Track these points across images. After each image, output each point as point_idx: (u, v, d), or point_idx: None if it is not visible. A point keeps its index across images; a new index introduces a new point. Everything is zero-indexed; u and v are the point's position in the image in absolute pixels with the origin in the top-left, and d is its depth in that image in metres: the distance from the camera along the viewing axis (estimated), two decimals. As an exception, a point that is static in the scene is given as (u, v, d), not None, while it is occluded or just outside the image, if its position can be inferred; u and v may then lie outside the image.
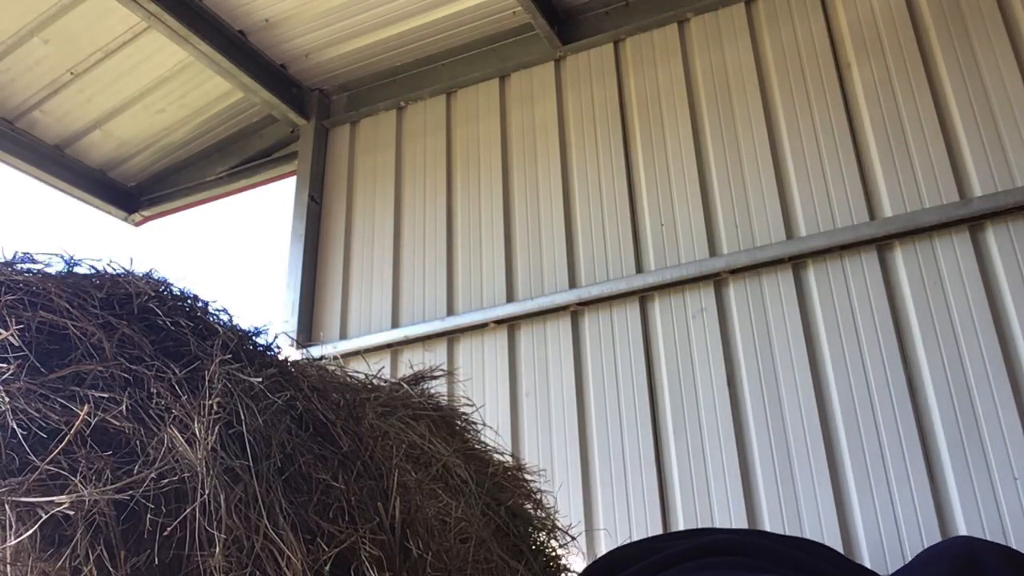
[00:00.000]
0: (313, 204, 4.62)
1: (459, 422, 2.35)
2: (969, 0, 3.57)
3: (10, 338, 1.19)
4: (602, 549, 3.30)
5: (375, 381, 2.27)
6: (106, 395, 1.22)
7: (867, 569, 1.26)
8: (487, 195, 4.25)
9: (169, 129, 4.91)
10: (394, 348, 4.14)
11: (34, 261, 1.36)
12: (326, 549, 1.26)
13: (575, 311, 3.84)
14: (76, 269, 1.40)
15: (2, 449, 1.12)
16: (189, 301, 1.46)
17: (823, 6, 3.87)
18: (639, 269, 3.78)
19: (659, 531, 3.31)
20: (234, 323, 1.50)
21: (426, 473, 1.81)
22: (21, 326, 1.21)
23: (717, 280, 3.62)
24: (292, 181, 4.77)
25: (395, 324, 4.19)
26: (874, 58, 3.67)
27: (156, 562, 1.16)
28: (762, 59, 3.91)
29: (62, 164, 4.89)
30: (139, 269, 1.45)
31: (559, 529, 2.34)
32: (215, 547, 1.16)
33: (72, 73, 4.41)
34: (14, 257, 1.35)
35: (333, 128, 4.83)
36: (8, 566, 1.07)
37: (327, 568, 1.25)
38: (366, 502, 1.38)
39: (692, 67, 4.04)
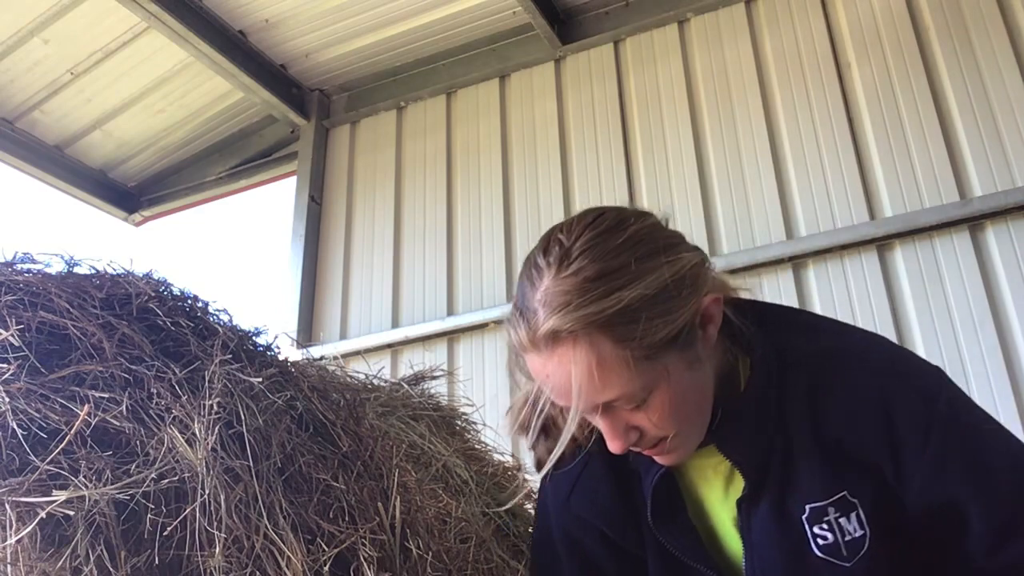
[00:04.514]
0: (313, 204, 4.62)
1: (459, 422, 2.35)
2: (969, 0, 3.57)
3: (10, 338, 1.19)
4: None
5: (375, 381, 2.27)
6: (106, 395, 1.22)
7: None
8: (487, 195, 4.25)
9: (169, 129, 4.91)
10: (394, 348, 4.14)
11: (34, 261, 1.36)
12: (326, 549, 1.26)
13: (575, 311, 3.83)
14: (76, 269, 1.40)
15: (2, 449, 1.12)
16: (189, 301, 1.46)
17: (823, 6, 3.87)
18: (639, 269, 3.77)
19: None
20: (234, 323, 1.50)
21: (426, 473, 1.81)
22: (21, 326, 1.21)
23: (717, 280, 3.61)
24: (292, 181, 4.76)
25: (395, 324, 4.19)
26: (874, 58, 3.67)
27: (156, 562, 1.16)
28: (762, 59, 3.90)
29: (62, 164, 4.89)
30: (139, 269, 1.45)
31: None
32: (215, 547, 1.16)
33: (72, 73, 4.41)
34: (14, 257, 1.35)
35: (333, 128, 4.83)
36: (8, 566, 1.07)
37: (327, 568, 1.25)
38: (366, 502, 1.38)
39: (692, 67, 4.04)
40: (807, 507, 1.10)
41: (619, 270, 1.03)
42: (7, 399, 1.15)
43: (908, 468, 1.06)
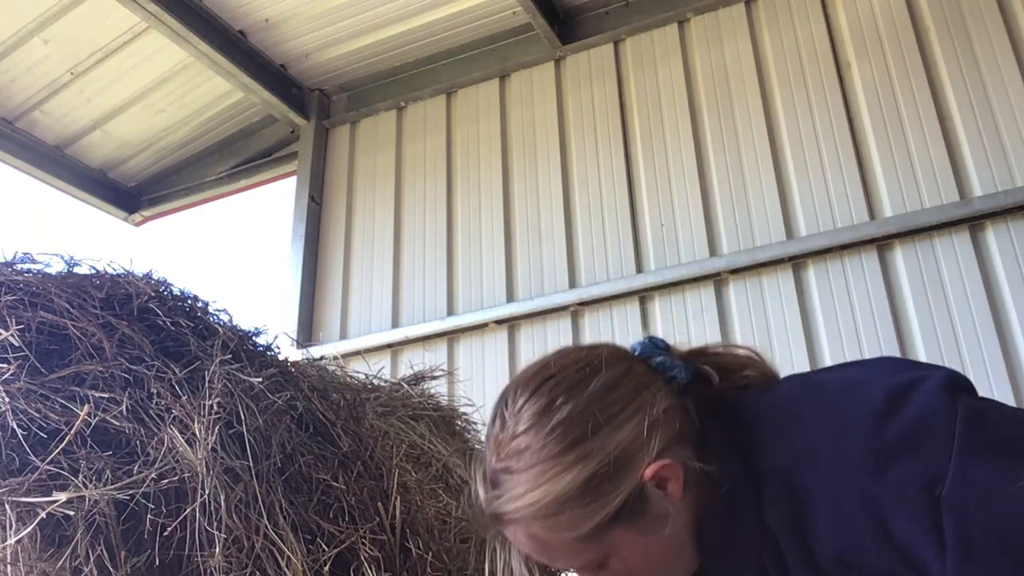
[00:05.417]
0: (313, 204, 4.62)
1: (459, 422, 2.36)
2: (969, 0, 3.57)
3: (10, 338, 1.19)
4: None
5: (375, 381, 2.27)
6: (106, 395, 1.22)
7: None
8: (487, 195, 4.25)
9: (169, 129, 4.91)
10: (394, 348, 4.14)
11: (34, 261, 1.36)
12: (326, 549, 1.26)
13: (575, 311, 3.84)
14: (76, 269, 1.40)
15: (2, 449, 1.12)
16: (189, 301, 1.46)
17: (823, 6, 3.86)
18: (639, 269, 3.77)
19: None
20: (234, 323, 1.50)
21: (426, 473, 1.81)
22: (21, 326, 1.21)
23: (717, 280, 3.62)
24: (292, 181, 4.76)
25: (395, 324, 4.19)
26: (874, 58, 3.67)
27: (156, 562, 1.16)
28: (762, 59, 3.90)
29: (62, 164, 4.89)
30: (139, 269, 1.46)
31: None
32: (215, 547, 1.16)
33: (72, 73, 4.41)
34: (14, 257, 1.36)
35: (333, 128, 4.83)
36: (8, 566, 1.07)
37: (327, 568, 1.25)
38: (366, 502, 1.38)
39: (692, 67, 4.04)
40: None
41: (547, 460, 1.04)
42: (7, 399, 1.15)
43: (933, 570, 0.95)
